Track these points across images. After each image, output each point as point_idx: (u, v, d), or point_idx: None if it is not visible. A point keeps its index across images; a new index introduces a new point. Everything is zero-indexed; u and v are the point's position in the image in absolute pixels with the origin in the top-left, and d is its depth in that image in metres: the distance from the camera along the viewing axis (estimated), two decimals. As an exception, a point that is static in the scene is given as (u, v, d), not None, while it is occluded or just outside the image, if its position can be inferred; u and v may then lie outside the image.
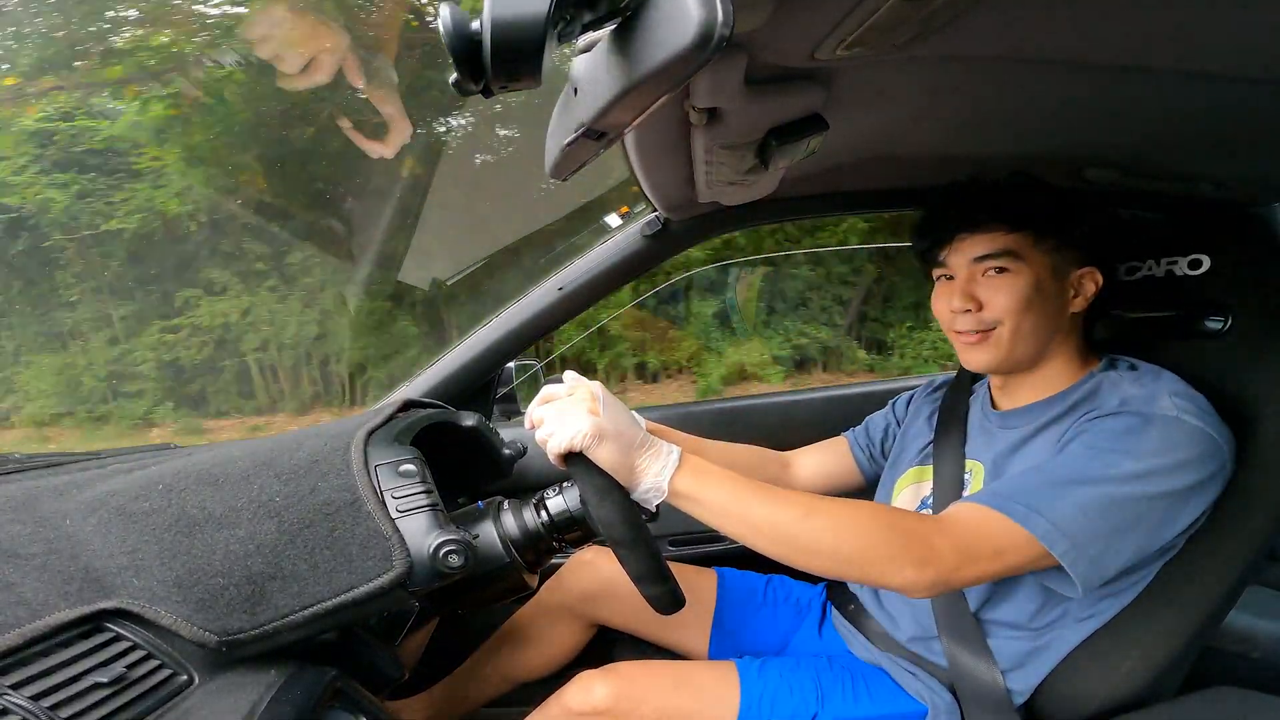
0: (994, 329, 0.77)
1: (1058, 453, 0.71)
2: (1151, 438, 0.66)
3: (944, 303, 0.81)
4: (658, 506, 1.30)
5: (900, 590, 0.65)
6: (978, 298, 0.77)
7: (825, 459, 1.08)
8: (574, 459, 0.72)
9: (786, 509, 0.65)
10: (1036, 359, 0.80)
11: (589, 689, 0.81)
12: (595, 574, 1.05)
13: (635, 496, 0.67)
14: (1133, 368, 0.78)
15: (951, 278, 0.80)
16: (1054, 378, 0.80)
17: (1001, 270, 0.76)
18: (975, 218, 0.77)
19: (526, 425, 0.69)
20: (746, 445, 1.09)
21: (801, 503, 0.65)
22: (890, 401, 1.07)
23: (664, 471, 0.66)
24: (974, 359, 0.80)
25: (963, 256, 0.78)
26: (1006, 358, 0.78)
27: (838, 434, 1.10)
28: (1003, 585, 0.76)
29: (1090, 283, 0.77)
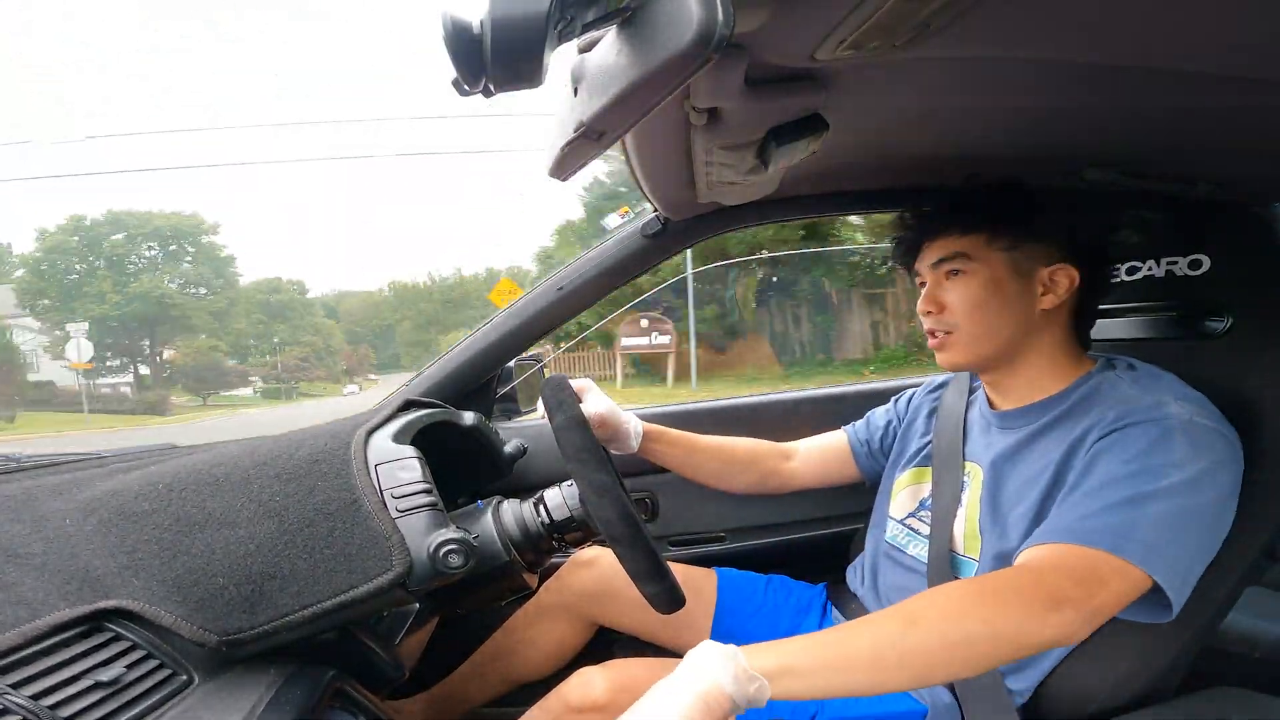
0: (950, 330, 0.80)
1: (1084, 473, 0.69)
2: (1180, 445, 0.66)
3: (918, 306, 0.85)
4: (655, 506, 1.30)
5: (1057, 643, 0.59)
6: (939, 300, 0.81)
7: (824, 453, 1.08)
8: (573, 457, 0.72)
9: (885, 630, 0.55)
10: (1008, 356, 0.81)
11: (589, 683, 0.81)
12: (595, 574, 1.05)
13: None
14: (1131, 368, 0.78)
15: (923, 284, 0.84)
16: (1043, 377, 0.80)
17: (957, 272, 0.79)
18: (933, 226, 0.82)
19: None
20: (743, 438, 1.09)
21: (894, 616, 0.57)
22: (893, 398, 1.07)
23: (732, 681, 0.51)
24: (942, 358, 0.83)
25: (925, 263, 0.83)
26: (969, 356, 0.81)
27: None
28: None
29: (1064, 279, 0.77)
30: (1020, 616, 0.56)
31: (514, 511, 0.75)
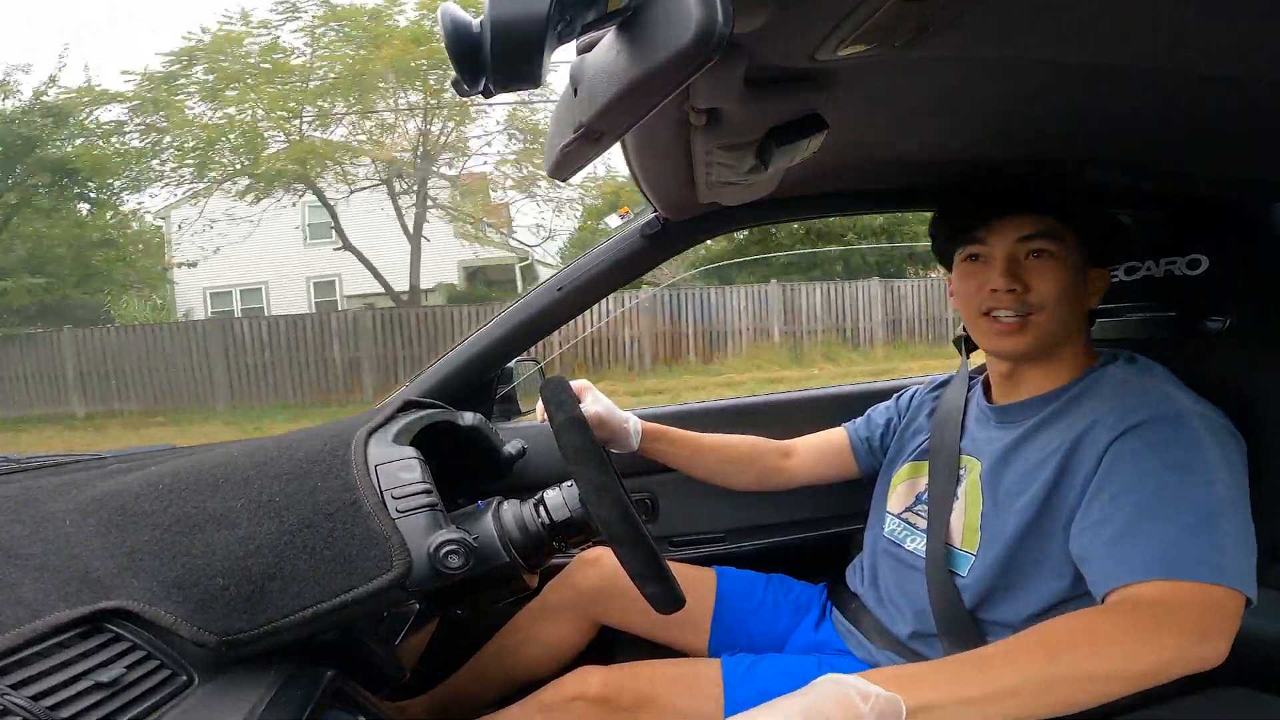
0: (1031, 314, 0.75)
1: (1112, 475, 0.67)
2: (1211, 446, 0.66)
3: (975, 283, 0.79)
4: (655, 506, 1.30)
5: (1199, 669, 0.60)
6: (1023, 279, 0.75)
7: (823, 450, 1.08)
8: (573, 458, 0.72)
9: (1027, 663, 0.56)
10: (1055, 348, 0.79)
11: (585, 678, 0.83)
12: (600, 572, 1.05)
13: None
14: (1131, 359, 0.78)
15: (977, 258, 0.79)
16: (1058, 371, 0.80)
17: (1044, 253, 0.75)
18: (1027, 197, 0.76)
19: None
20: (744, 436, 1.09)
21: (1032, 649, 0.58)
22: (895, 396, 1.07)
23: None
24: (1012, 344, 0.78)
25: (1005, 235, 0.75)
26: (1037, 343, 0.77)
27: None
28: (997, 586, 0.76)
29: (1101, 282, 0.79)
30: (1170, 650, 0.58)
31: (514, 512, 0.75)
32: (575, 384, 0.95)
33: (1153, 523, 0.64)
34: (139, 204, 10.49)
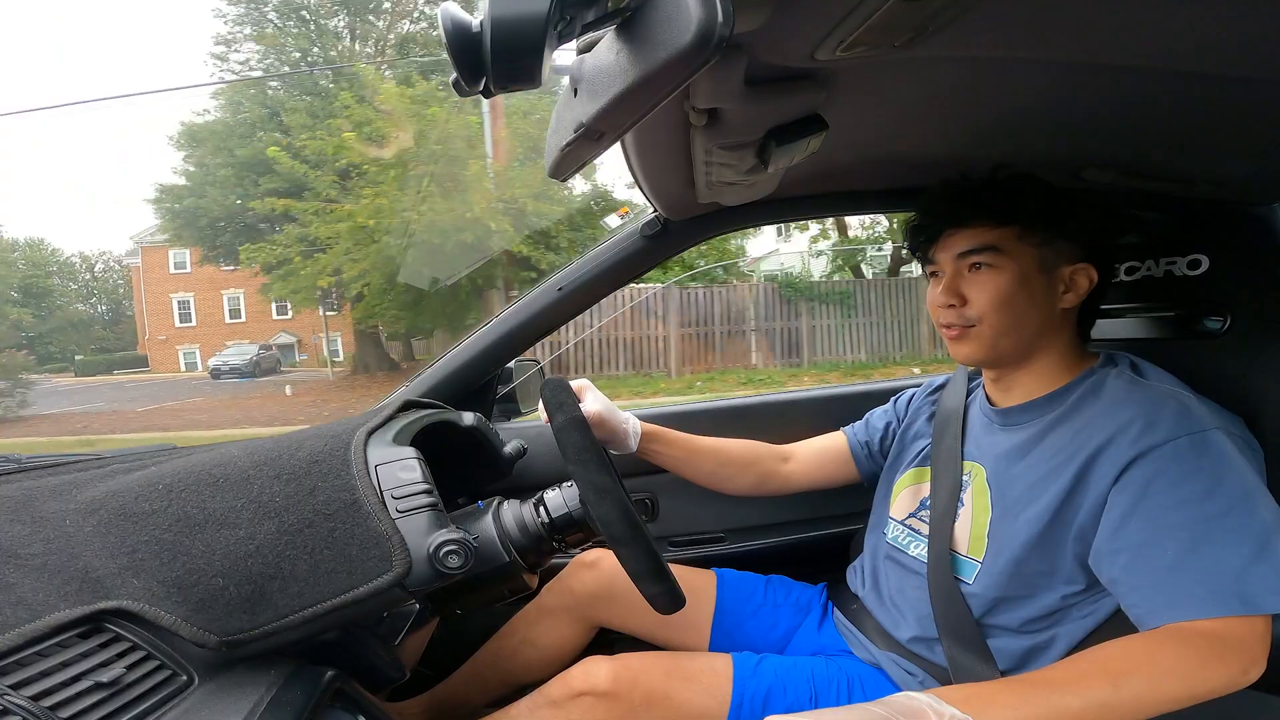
0: (973, 325, 0.79)
1: (1144, 497, 0.66)
2: (1241, 465, 0.65)
3: (931, 297, 0.83)
4: (655, 506, 1.30)
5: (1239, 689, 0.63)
6: (961, 293, 0.79)
7: (823, 455, 1.08)
8: (573, 458, 0.72)
9: (1091, 688, 0.59)
10: (1025, 353, 0.80)
11: (592, 671, 0.82)
12: (597, 575, 1.05)
13: None
14: (1134, 366, 0.78)
15: (936, 274, 0.82)
16: (1048, 373, 0.80)
17: (985, 266, 0.77)
18: (961, 214, 0.79)
19: None
20: (742, 440, 1.09)
21: (1095, 674, 0.60)
22: (892, 399, 1.07)
23: None
24: (958, 352, 0.82)
25: (948, 253, 0.80)
26: (989, 351, 0.79)
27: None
28: (1007, 595, 0.76)
29: (1084, 279, 0.77)
30: (1224, 678, 0.61)
31: (514, 512, 0.75)
32: (575, 383, 0.95)
33: (1213, 552, 0.64)
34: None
